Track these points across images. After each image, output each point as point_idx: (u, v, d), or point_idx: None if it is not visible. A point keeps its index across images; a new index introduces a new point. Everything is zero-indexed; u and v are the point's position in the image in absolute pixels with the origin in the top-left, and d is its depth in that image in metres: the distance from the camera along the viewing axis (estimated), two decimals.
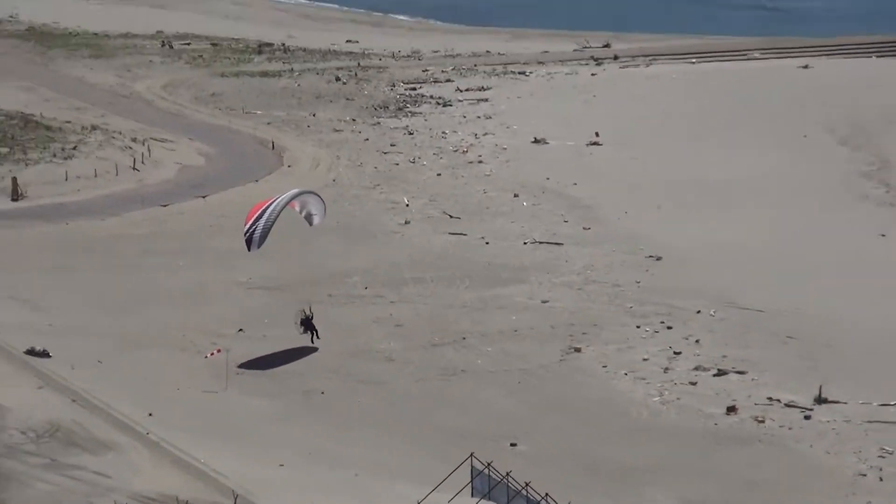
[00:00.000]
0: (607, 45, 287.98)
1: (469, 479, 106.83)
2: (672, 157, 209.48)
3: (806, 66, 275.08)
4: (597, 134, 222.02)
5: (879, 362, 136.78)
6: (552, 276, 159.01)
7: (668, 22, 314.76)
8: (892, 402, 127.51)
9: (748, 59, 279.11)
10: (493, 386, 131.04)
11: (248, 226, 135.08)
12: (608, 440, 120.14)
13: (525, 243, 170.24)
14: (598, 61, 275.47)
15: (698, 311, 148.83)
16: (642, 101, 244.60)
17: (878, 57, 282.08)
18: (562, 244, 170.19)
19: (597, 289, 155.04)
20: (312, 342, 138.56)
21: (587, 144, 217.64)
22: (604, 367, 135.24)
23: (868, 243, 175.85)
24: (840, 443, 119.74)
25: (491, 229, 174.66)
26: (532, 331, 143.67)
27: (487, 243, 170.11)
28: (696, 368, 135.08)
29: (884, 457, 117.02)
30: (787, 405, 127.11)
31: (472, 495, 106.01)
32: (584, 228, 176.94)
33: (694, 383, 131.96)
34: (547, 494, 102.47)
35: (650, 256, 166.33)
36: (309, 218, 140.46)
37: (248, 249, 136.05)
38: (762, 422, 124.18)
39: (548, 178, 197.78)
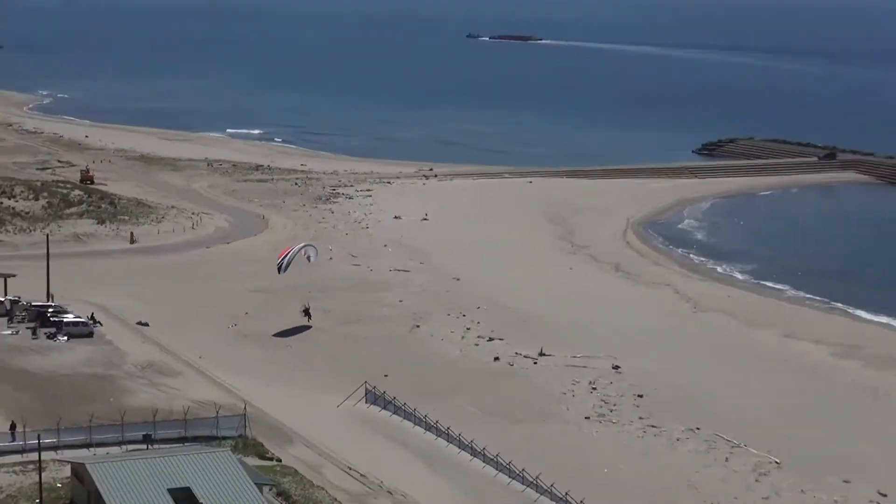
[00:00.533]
0: (431, 169, 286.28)
1: (364, 394, 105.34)
2: (466, 228, 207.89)
3: (531, 182, 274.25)
4: (426, 214, 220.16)
5: (570, 335, 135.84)
6: (404, 288, 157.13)
7: (462, 157, 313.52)
8: (577, 355, 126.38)
9: (502, 178, 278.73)
10: (376, 344, 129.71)
11: (279, 260, 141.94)
12: (434, 374, 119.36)
13: (390, 270, 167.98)
14: (427, 177, 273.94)
15: (478, 307, 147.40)
16: (450, 199, 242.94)
17: (566, 177, 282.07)
18: (409, 271, 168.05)
19: (427, 295, 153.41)
20: (308, 322, 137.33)
21: (421, 220, 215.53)
22: (431, 335, 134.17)
23: (563, 273, 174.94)
24: (552, 377, 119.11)
25: (373, 263, 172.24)
26: (394, 316, 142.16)
27: (371, 270, 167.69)
28: (478, 337, 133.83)
29: (574, 384, 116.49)
30: (525, 357, 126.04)
31: (366, 402, 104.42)
32: (420, 263, 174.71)
33: (477, 345, 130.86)
34: (405, 403, 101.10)
35: (454, 278, 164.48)
36: (308, 258, 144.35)
37: (279, 272, 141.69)
38: (512, 365, 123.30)
39: (401, 237, 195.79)
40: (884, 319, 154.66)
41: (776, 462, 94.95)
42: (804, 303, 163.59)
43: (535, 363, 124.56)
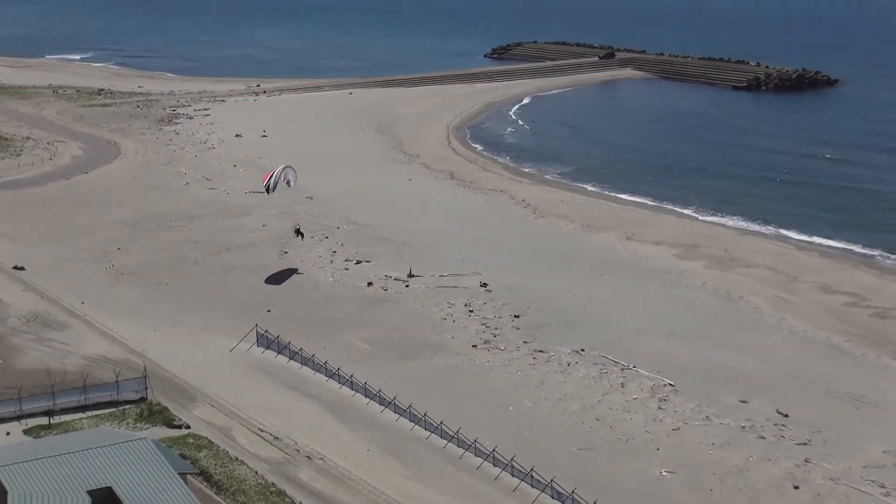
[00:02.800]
0: (258, 85, 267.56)
1: (255, 337, 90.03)
2: (304, 142, 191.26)
3: (351, 93, 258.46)
4: (264, 131, 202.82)
5: (430, 251, 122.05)
6: (264, 211, 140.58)
7: (279, 72, 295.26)
8: (444, 274, 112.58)
9: (324, 91, 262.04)
10: (250, 274, 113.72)
11: (265, 182, 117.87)
12: (315, 304, 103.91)
13: (246, 192, 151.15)
14: (257, 94, 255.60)
15: (338, 227, 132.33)
16: (282, 114, 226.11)
17: (381, 87, 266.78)
18: (264, 192, 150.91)
19: (287, 218, 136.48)
20: (301, 240, 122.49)
21: (261, 136, 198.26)
22: (301, 261, 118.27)
23: (405, 184, 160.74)
24: (427, 300, 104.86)
25: (227, 185, 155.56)
26: (260, 242, 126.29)
27: (228, 193, 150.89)
28: (346, 260, 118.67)
29: (450, 307, 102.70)
30: (395, 279, 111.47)
31: (259, 345, 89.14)
32: None
33: (347, 269, 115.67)
34: (301, 349, 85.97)
35: (308, 197, 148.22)
36: (288, 182, 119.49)
37: (267, 193, 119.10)
38: (386, 290, 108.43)
39: (247, 155, 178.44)
40: (706, 216, 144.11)
41: (671, 384, 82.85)
42: (630, 203, 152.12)
43: (407, 286, 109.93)
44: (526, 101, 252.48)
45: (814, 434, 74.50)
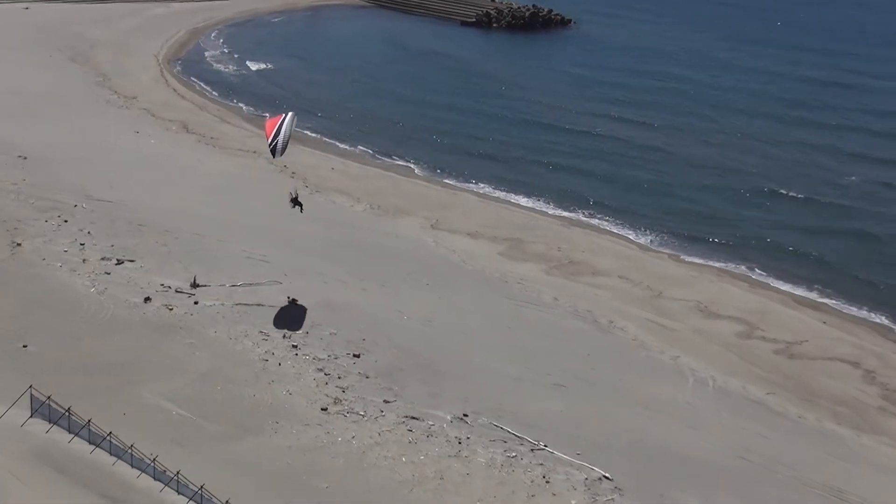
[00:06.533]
0: None
1: (30, 403, 65.14)
2: None
3: (27, 8, 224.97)
4: None
5: (208, 244, 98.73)
6: None
7: None
8: (238, 283, 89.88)
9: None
10: None
11: (270, 139, 79.20)
12: (84, 334, 78.21)
13: None
14: None
15: (75, 206, 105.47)
16: None
17: (63, 2, 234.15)
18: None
19: (4, 191, 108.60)
20: (301, 212, 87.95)
21: None
22: (43, 259, 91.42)
23: (132, 140, 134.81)
24: (232, 327, 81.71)
25: None
26: None
27: None
28: (103, 259, 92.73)
29: (265, 339, 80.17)
30: (177, 291, 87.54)
31: (36, 416, 64.50)
32: None
33: (108, 273, 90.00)
34: (110, 432, 61.86)
35: (20, 157, 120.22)
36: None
37: (273, 157, 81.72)
38: (171, 309, 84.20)
39: None
40: (508, 197, 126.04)
41: (607, 478, 64.50)
42: (409, 173, 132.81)
43: (196, 302, 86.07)
44: (235, 27, 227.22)
45: None
